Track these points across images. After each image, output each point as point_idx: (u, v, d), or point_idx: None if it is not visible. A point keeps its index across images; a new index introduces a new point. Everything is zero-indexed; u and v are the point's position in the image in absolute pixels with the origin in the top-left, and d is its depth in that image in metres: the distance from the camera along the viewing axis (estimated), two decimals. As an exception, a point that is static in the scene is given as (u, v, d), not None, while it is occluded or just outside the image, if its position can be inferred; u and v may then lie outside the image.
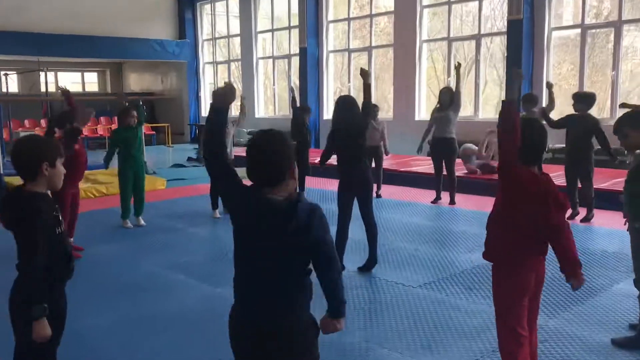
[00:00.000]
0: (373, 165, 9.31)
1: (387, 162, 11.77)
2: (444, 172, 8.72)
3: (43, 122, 18.02)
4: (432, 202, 8.79)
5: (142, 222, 7.60)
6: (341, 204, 5.50)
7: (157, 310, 4.65)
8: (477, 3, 13.30)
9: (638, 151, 3.98)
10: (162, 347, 4.00)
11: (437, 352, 3.83)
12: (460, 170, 9.54)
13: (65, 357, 3.70)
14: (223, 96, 2.49)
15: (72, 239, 6.34)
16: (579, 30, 11.82)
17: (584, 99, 7.22)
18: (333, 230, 5.40)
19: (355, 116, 5.41)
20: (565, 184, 7.42)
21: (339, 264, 2.35)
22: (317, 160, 6.16)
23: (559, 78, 12.80)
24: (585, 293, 4.86)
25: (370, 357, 3.78)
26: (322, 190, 9.81)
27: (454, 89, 8.60)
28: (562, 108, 9.33)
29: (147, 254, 6.28)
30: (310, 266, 2.33)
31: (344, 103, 5.50)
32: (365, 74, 5.50)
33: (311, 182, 9.89)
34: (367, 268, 5.55)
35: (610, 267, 5.58)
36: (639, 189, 3.78)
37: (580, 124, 7.12)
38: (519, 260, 2.98)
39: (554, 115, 7.59)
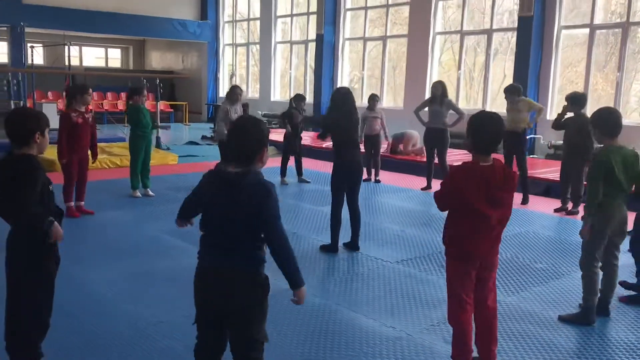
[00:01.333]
0: (372, 152, 9.79)
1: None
2: (436, 161, 9.09)
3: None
4: (422, 189, 9.16)
5: (151, 192, 8.07)
6: (335, 188, 5.80)
7: (154, 268, 5.15)
8: (490, -2, 13.53)
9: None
10: (158, 298, 4.48)
11: (398, 317, 4.25)
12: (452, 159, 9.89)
13: (70, 302, 4.23)
14: None
15: (82, 203, 6.88)
16: (587, 30, 12.02)
17: (575, 100, 7.50)
18: (326, 210, 5.82)
19: (352, 107, 5.74)
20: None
21: (288, 247, 2.68)
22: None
23: (577, 75, 12.91)
24: (548, 276, 5.25)
25: (337, 317, 4.21)
26: (317, 171, 10.29)
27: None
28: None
29: (150, 221, 6.78)
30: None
31: (340, 93, 5.80)
32: None
33: (307, 164, 10.27)
34: (350, 248, 5.94)
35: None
36: (589, 185, 4.10)
37: (574, 124, 7.40)
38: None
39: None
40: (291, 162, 9.65)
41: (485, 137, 3.21)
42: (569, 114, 7.54)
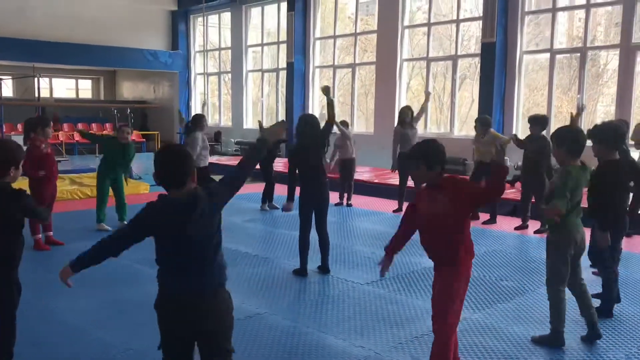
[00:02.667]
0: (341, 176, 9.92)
1: (367, 175, 12.36)
2: (409, 184, 9.24)
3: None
4: (394, 212, 9.31)
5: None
6: (303, 216, 5.87)
7: (124, 296, 5.15)
8: (454, 25, 13.93)
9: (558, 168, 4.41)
10: (128, 325, 4.50)
11: (367, 336, 4.33)
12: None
13: (39, 331, 4.23)
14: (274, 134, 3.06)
15: (51, 233, 6.86)
16: (548, 55, 12.44)
17: (535, 121, 7.77)
18: (291, 233, 5.92)
19: (317, 134, 5.82)
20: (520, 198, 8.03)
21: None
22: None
23: (543, 98, 13.29)
24: (512, 293, 5.39)
25: (307, 338, 4.27)
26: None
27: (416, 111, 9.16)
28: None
29: (122, 250, 6.76)
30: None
31: (306, 122, 5.90)
32: (326, 91, 6.02)
33: (279, 190, 10.33)
34: (321, 271, 6.02)
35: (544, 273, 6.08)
36: (550, 204, 4.17)
37: (533, 144, 7.67)
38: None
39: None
40: (262, 187, 9.74)
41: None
42: (530, 134, 7.82)
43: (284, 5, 17.46)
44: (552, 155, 7.20)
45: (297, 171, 5.88)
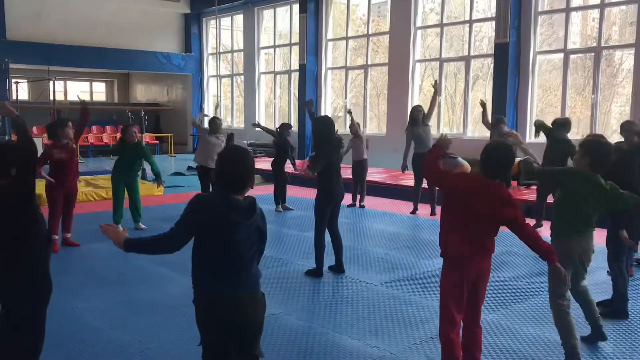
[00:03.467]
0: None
1: (379, 176, 12.36)
2: (424, 185, 9.25)
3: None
4: (410, 213, 9.30)
5: (142, 226, 8.03)
6: (322, 216, 5.86)
7: (140, 296, 5.21)
8: (467, 26, 13.90)
9: None
10: (144, 325, 4.55)
11: (382, 337, 4.34)
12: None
13: (57, 331, 4.29)
14: None
15: (69, 235, 6.94)
16: (562, 55, 12.38)
17: (562, 125, 7.75)
18: (311, 236, 5.95)
19: (334, 136, 5.89)
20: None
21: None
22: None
23: (557, 99, 13.19)
24: (528, 294, 5.38)
25: (322, 339, 4.29)
26: (301, 198, 10.42)
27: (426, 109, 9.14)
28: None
29: (137, 251, 6.83)
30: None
31: (325, 123, 5.98)
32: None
33: (291, 191, 10.39)
34: (335, 271, 6.04)
35: (560, 273, 6.06)
36: (555, 210, 4.09)
37: (557, 147, 7.58)
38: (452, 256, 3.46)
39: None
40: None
41: None
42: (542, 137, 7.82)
43: (296, 7, 17.51)
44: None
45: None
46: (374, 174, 12.56)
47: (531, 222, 8.39)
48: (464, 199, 3.37)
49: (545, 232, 7.92)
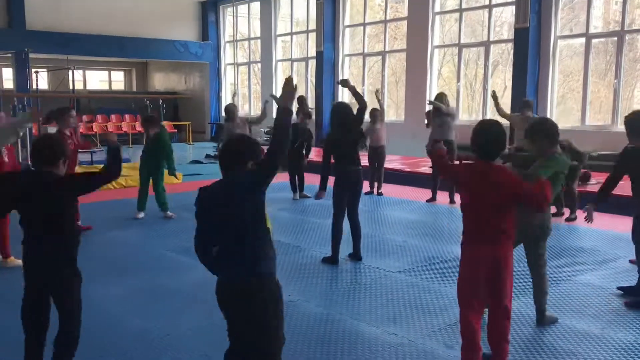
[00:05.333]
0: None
1: (397, 164, 12.30)
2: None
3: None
4: (427, 201, 9.24)
5: (170, 214, 8.03)
6: (338, 203, 5.88)
7: (160, 284, 5.24)
8: (487, 11, 13.72)
9: None
10: (164, 312, 4.58)
11: (400, 324, 4.33)
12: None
13: (86, 317, 4.34)
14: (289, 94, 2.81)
15: (78, 222, 7.02)
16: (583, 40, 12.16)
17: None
18: (329, 223, 5.95)
19: (350, 122, 5.83)
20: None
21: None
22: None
23: (579, 84, 12.93)
24: (549, 282, 5.30)
25: (340, 325, 4.29)
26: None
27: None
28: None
29: (156, 239, 6.90)
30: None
31: (340, 110, 5.96)
32: (345, 83, 6.00)
33: (309, 179, 10.36)
34: (353, 258, 6.04)
35: (581, 261, 6.00)
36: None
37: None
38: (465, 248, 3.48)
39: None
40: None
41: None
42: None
43: (313, -6, 17.42)
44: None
45: (331, 159, 5.92)
46: (392, 161, 12.50)
47: (552, 210, 8.32)
48: (470, 186, 3.43)
49: (566, 221, 7.86)
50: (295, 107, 9.27)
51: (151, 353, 3.84)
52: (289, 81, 2.78)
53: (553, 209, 8.16)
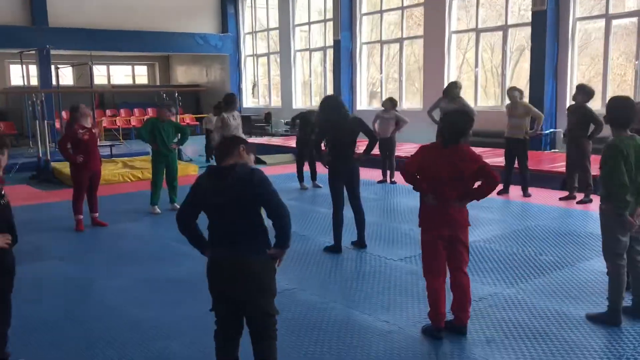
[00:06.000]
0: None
1: (414, 152, 12.18)
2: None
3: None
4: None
5: (178, 206, 8.07)
6: (334, 192, 5.92)
7: (161, 274, 5.32)
8: (504, -6, 13.46)
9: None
10: (162, 301, 4.65)
11: (394, 312, 4.32)
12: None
13: (77, 307, 4.46)
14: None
15: (96, 214, 7.14)
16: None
17: (583, 91, 7.52)
18: (330, 211, 5.97)
19: (338, 115, 5.81)
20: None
21: (285, 210, 2.99)
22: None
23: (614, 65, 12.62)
24: (550, 267, 5.24)
25: (332, 313, 4.30)
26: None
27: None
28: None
29: (164, 230, 6.97)
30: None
31: (330, 103, 5.94)
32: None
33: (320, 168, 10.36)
34: (357, 246, 6.04)
35: (588, 246, 5.89)
36: (603, 173, 3.95)
37: (575, 114, 7.48)
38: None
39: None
40: (307, 167, 9.78)
41: None
42: (572, 104, 7.60)
43: (330, -18, 17.33)
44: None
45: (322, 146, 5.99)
46: (408, 149, 12.42)
47: (563, 194, 8.19)
48: (428, 167, 3.80)
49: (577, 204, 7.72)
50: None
51: (144, 341, 3.91)
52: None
53: (565, 194, 8.06)
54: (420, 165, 3.85)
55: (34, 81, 18.81)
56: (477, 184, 3.81)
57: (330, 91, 17.98)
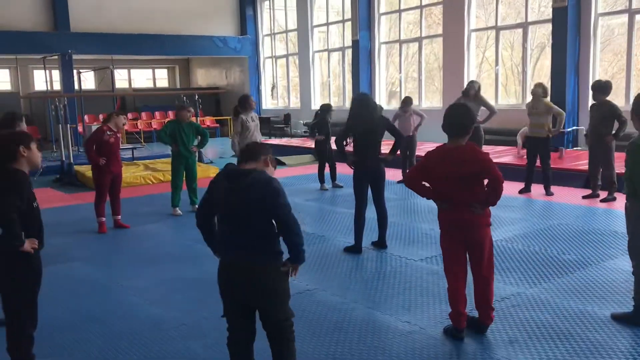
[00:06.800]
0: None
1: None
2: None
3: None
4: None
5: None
6: (358, 192, 5.90)
7: (182, 275, 5.36)
8: (524, -9, 13.32)
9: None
10: (183, 302, 4.68)
11: (414, 312, 4.30)
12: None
13: (99, 307, 4.50)
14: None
15: (119, 217, 7.21)
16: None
17: (598, 88, 7.44)
18: (350, 212, 5.95)
19: (370, 113, 5.79)
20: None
21: (294, 226, 2.93)
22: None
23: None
24: (573, 267, 5.17)
25: (353, 314, 4.29)
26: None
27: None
28: None
29: (184, 231, 7.04)
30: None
31: (361, 101, 5.94)
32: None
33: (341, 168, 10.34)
34: (377, 246, 6.02)
35: (613, 245, 5.79)
36: (628, 171, 3.89)
37: (598, 111, 7.39)
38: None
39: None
40: (327, 168, 9.77)
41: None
42: (594, 102, 7.50)
43: (348, -17, 17.31)
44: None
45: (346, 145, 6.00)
46: (430, 148, 12.34)
47: (586, 192, 8.07)
48: (434, 169, 3.74)
49: (600, 202, 7.61)
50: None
51: (165, 341, 3.94)
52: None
53: (588, 192, 7.94)
54: (427, 168, 3.79)
55: (57, 86, 19.10)
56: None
57: (349, 91, 17.97)
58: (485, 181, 3.70)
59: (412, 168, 3.91)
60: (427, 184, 3.84)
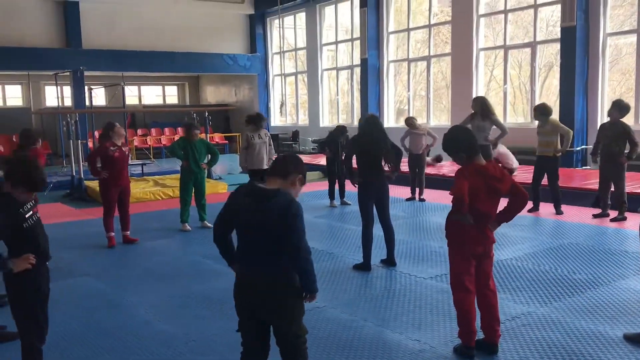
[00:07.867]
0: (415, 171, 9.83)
1: (443, 169, 12.12)
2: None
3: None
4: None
5: (208, 224, 7.95)
6: (364, 210, 5.92)
7: (192, 291, 5.36)
8: (532, 11, 13.40)
9: None
10: (193, 318, 4.68)
11: (424, 331, 4.28)
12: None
13: (109, 323, 4.51)
14: None
15: (128, 232, 7.23)
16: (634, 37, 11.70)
17: (620, 108, 7.44)
18: (359, 229, 5.96)
19: (375, 134, 5.85)
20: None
21: (305, 253, 2.93)
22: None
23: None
24: (584, 286, 5.14)
25: (363, 332, 4.28)
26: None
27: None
28: None
29: (193, 246, 7.06)
30: None
31: (367, 122, 6.00)
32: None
33: (349, 186, 10.35)
34: (386, 264, 6.02)
35: (624, 265, 5.76)
36: None
37: (611, 130, 7.39)
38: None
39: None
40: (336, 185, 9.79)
41: None
42: (607, 120, 7.51)
43: (357, 2, 17.46)
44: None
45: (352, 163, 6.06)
46: (438, 167, 12.40)
47: (596, 211, 8.04)
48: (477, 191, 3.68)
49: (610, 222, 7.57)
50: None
51: (175, 357, 3.94)
52: None
53: (598, 211, 7.91)
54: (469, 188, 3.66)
55: (68, 102, 19.26)
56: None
57: (357, 109, 18.06)
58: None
59: (461, 192, 3.62)
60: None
